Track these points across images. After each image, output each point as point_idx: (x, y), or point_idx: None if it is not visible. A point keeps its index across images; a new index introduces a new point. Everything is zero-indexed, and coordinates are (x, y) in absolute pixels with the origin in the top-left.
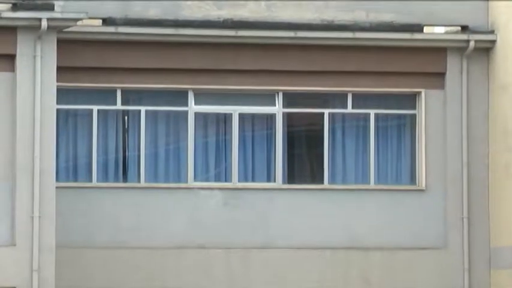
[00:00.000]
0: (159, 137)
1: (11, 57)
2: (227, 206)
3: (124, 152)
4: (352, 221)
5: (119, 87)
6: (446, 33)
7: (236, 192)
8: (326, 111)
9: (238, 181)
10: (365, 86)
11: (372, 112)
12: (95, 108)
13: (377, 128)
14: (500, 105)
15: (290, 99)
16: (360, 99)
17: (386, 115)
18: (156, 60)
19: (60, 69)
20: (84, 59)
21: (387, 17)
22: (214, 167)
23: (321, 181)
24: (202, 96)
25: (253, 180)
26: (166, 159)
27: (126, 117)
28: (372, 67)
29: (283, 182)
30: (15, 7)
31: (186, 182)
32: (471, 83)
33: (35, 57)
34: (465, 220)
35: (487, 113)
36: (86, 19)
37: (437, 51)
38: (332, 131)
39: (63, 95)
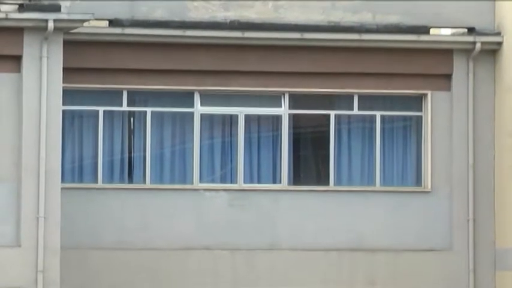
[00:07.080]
0: (165, 138)
1: (18, 58)
2: (233, 207)
3: (130, 153)
4: (357, 223)
5: (125, 89)
6: (453, 35)
7: (242, 193)
8: (332, 113)
9: (244, 182)
10: (371, 87)
11: (378, 114)
12: (101, 109)
13: (383, 129)
14: (506, 106)
15: (296, 100)
16: (366, 101)
17: (393, 117)
18: (163, 61)
19: (66, 70)
20: (90, 60)
21: (394, 18)
22: (220, 168)
23: (327, 182)
24: (208, 98)
25: (259, 181)
26: (172, 161)
27: (132, 119)
28: (378, 69)
29: (289, 184)
30: (21, 8)
31: (192, 183)
32: (477, 85)
33: (41, 58)
34: (470, 222)
35: (493, 114)
36: (93, 20)
37: (444, 53)
38: (338, 133)
39: (69, 96)
